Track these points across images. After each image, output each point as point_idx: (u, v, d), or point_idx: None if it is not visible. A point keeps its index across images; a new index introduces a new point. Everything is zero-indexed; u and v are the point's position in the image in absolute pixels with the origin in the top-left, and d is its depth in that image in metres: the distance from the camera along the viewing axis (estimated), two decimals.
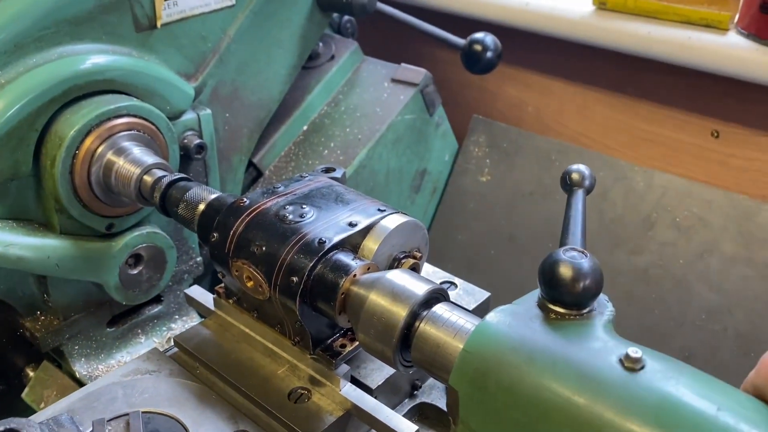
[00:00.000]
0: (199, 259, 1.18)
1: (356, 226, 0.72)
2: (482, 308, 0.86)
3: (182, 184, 0.86)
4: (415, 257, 0.76)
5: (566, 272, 0.54)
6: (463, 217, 1.69)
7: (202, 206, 0.81)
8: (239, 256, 0.72)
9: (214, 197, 0.81)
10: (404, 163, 1.54)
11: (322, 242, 0.69)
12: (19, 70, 0.89)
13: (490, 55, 1.35)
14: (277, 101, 1.32)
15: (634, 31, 1.40)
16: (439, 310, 0.63)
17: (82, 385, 1.01)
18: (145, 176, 0.90)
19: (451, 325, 0.61)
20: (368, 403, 0.70)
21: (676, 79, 1.46)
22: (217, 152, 1.17)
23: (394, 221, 0.73)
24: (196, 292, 0.87)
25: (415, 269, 0.76)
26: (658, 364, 0.51)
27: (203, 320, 0.84)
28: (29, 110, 0.88)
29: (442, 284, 0.86)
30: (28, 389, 1.08)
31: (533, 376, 0.52)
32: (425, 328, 0.62)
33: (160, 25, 1.03)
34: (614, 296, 0.60)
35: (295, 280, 0.67)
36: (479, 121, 1.73)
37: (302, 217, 0.73)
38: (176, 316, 1.16)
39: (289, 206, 0.75)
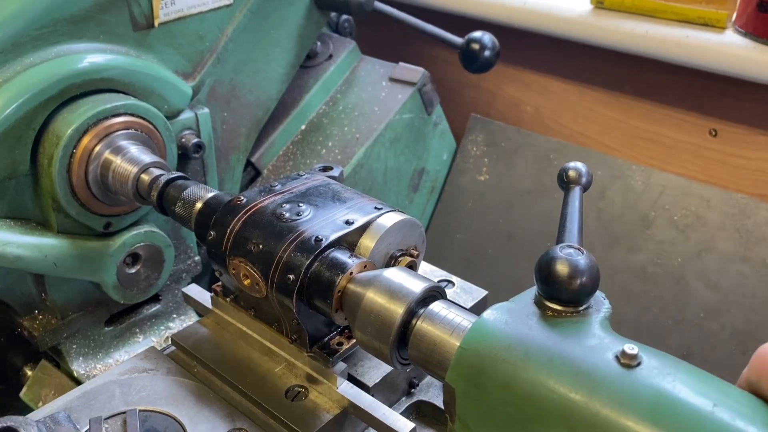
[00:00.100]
0: (197, 258, 1.18)
1: (353, 224, 0.72)
2: (480, 306, 0.85)
3: (179, 182, 0.86)
4: (412, 255, 0.76)
5: (563, 269, 0.54)
6: (461, 216, 1.69)
7: (199, 205, 0.80)
8: (236, 254, 0.72)
9: (211, 196, 0.81)
10: (402, 162, 1.54)
11: (318, 240, 0.69)
12: (16, 68, 0.89)
13: (488, 54, 1.35)
14: (275, 100, 1.32)
15: (631, 29, 1.40)
16: (436, 307, 0.63)
17: (80, 384, 1.01)
18: (142, 175, 0.90)
19: (448, 322, 0.61)
20: (365, 400, 0.70)
21: (674, 77, 1.46)
22: (215, 151, 1.17)
23: (390, 219, 0.73)
24: (193, 290, 0.87)
25: (412, 267, 0.76)
26: (654, 360, 0.50)
27: (201, 319, 0.84)
28: (26, 109, 0.88)
29: (439, 282, 0.87)
30: (26, 388, 1.08)
31: (530, 373, 0.52)
32: (422, 325, 0.62)
33: (157, 24, 1.03)
34: (612, 294, 0.60)
35: (291, 278, 0.67)
36: (477, 120, 1.73)
37: (299, 215, 0.73)
38: (174, 315, 1.16)
39: (285, 204, 0.74)
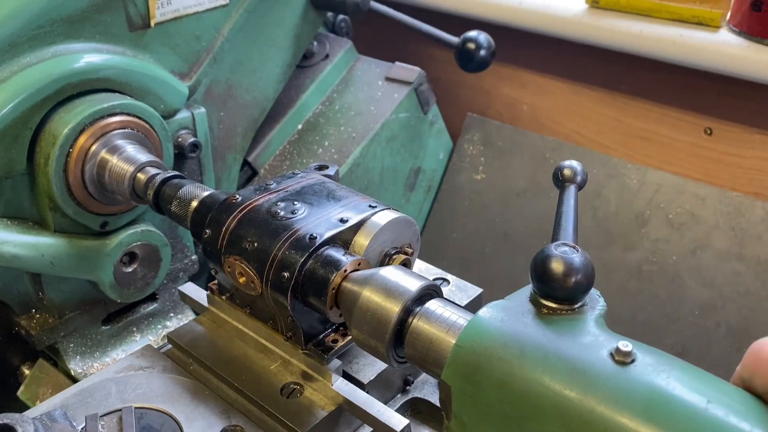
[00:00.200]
0: (194, 257, 1.18)
1: (347, 222, 0.72)
2: (475, 304, 0.86)
3: (175, 181, 0.86)
4: (406, 253, 0.76)
5: (558, 267, 0.54)
6: (457, 214, 1.69)
7: (194, 203, 0.81)
8: (231, 252, 0.73)
9: (206, 194, 0.81)
10: (399, 161, 1.54)
11: (313, 238, 0.69)
12: (13, 68, 0.90)
13: (483, 53, 1.36)
14: (271, 100, 1.32)
15: (626, 29, 1.40)
16: (432, 306, 0.63)
17: (77, 382, 1.01)
18: (138, 174, 0.90)
19: (444, 320, 0.61)
20: (360, 397, 0.70)
21: (669, 76, 1.46)
22: (211, 151, 1.17)
23: (385, 217, 0.74)
24: (189, 288, 0.87)
25: (406, 265, 0.76)
26: (648, 357, 0.51)
27: (197, 317, 0.85)
28: (23, 109, 0.89)
29: (434, 281, 0.87)
30: (23, 387, 1.09)
31: (525, 370, 0.52)
32: (418, 324, 0.62)
33: (153, 24, 1.03)
34: (608, 292, 0.60)
35: (286, 275, 0.68)
36: (474, 119, 1.74)
37: (294, 213, 0.73)
38: (171, 314, 1.16)
39: (280, 203, 0.75)
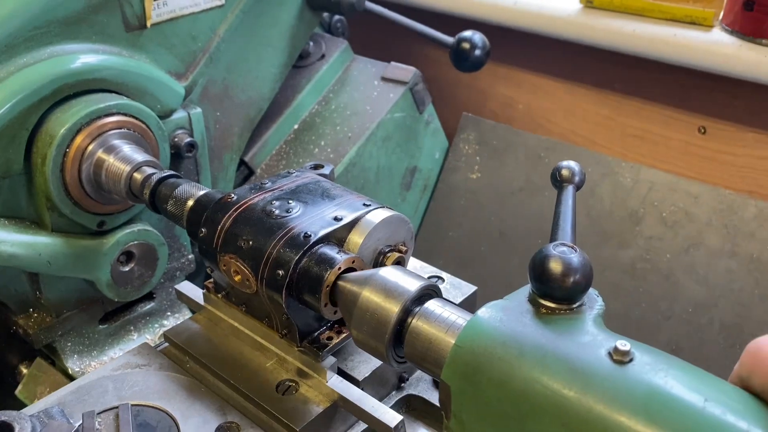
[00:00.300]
0: (191, 256, 1.19)
1: (341, 220, 0.73)
2: (469, 302, 0.87)
3: (171, 180, 0.87)
4: (400, 251, 0.77)
5: (556, 267, 0.55)
6: (453, 213, 1.70)
7: (190, 202, 0.82)
8: (227, 250, 0.73)
9: (202, 193, 0.82)
10: (394, 160, 1.55)
11: (307, 236, 0.70)
12: (9, 69, 0.90)
13: (478, 53, 1.36)
14: (267, 100, 1.33)
15: (620, 28, 1.41)
16: (431, 306, 0.63)
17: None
18: (135, 174, 0.91)
19: (443, 320, 0.61)
20: (354, 394, 0.71)
21: (663, 75, 1.47)
22: (208, 151, 1.18)
23: (379, 215, 0.74)
24: (186, 287, 0.88)
25: (400, 263, 0.77)
26: (646, 356, 0.51)
27: (193, 315, 0.85)
28: (20, 109, 0.89)
29: (429, 279, 0.88)
30: (21, 386, 1.09)
31: (524, 370, 0.52)
32: (418, 324, 0.62)
33: (149, 24, 1.04)
34: (602, 290, 0.60)
35: (281, 273, 0.68)
36: (469, 118, 1.75)
37: (288, 212, 0.74)
38: (168, 313, 1.17)
39: (275, 201, 0.76)
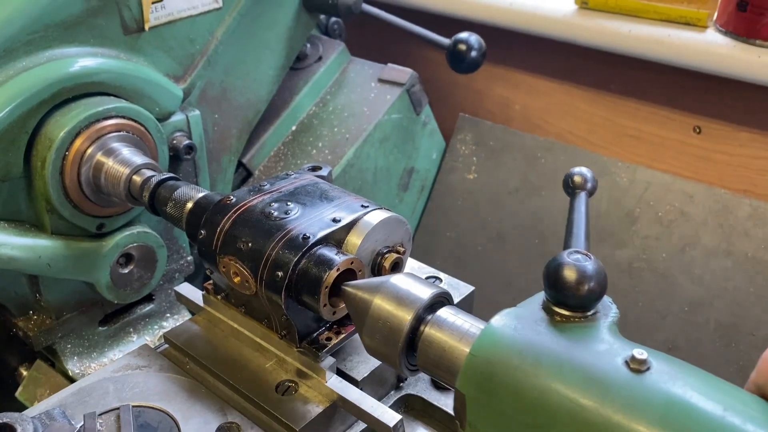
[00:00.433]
0: (189, 258, 1.19)
1: (340, 221, 0.74)
2: (467, 302, 0.87)
3: (170, 183, 0.87)
4: (398, 252, 0.77)
5: (571, 275, 0.55)
6: (451, 214, 1.71)
7: (190, 204, 0.82)
8: (226, 252, 0.74)
9: (201, 196, 0.83)
10: (392, 161, 1.55)
11: (306, 238, 0.70)
12: (9, 73, 0.91)
13: (474, 54, 1.37)
14: (265, 102, 1.33)
15: (615, 29, 1.42)
16: (443, 313, 0.63)
17: (74, 383, 1.02)
18: (134, 176, 0.91)
19: (456, 328, 0.61)
20: (353, 394, 0.71)
21: (658, 76, 1.48)
22: (206, 153, 1.19)
23: (376, 217, 0.75)
24: (185, 289, 0.88)
25: (398, 264, 0.77)
26: (663, 365, 0.51)
27: (193, 316, 0.86)
28: (19, 113, 0.90)
29: (427, 279, 0.88)
30: (21, 388, 1.10)
31: (540, 379, 0.52)
32: (430, 331, 0.62)
33: (147, 27, 1.04)
34: None
35: (280, 274, 0.69)
36: (466, 119, 1.75)
37: (287, 213, 0.74)
38: (168, 314, 1.17)
39: (274, 203, 0.76)
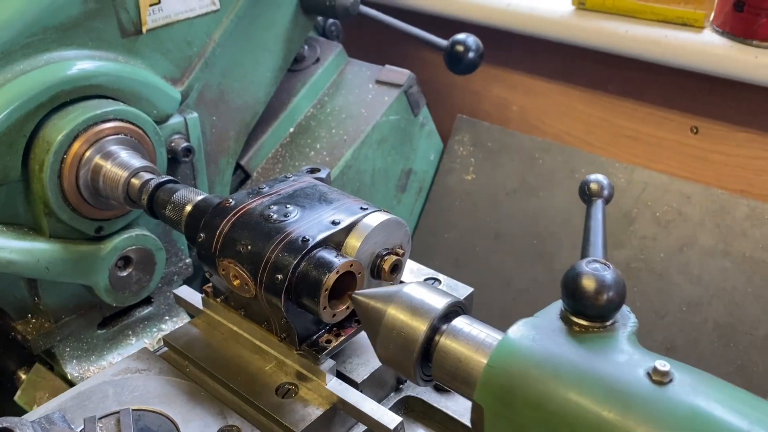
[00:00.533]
0: (188, 260, 1.19)
1: (339, 224, 0.73)
2: (466, 303, 0.87)
3: (169, 186, 0.87)
4: (397, 254, 0.77)
5: (589, 284, 0.54)
6: (449, 215, 1.71)
7: (188, 207, 0.82)
8: (225, 255, 0.74)
9: (200, 198, 0.82)
10: (390, 163, 1.55)
11: (305, 240, 0.70)
12: (6, 76, 0.91)
13: (472, 55, 1.37)
14: (263, 104, 1.33)
15: (612, 30, 1.42)
16: (459, 323, 0.62)
17: (73, 386, 1.02)
18: (132, 179, 0.91)
19: (472, 338, 0.60)
20: (353, 396, 0.71)
21: (655, 76, 1.48)
22: (204, 155, 1.19)
23: (376, 219, 0.75)
24: (184, 291, 0.88)
25: (398, 266, 0.77)
26: (686, 377, 0.50)
27: (192, 319, 0.86)
28: (17, 116, 0.89)
29: (426, 280, 0.88)
30: (20, 391, 1.09)
31: (560, 390, 0.51)
32: (446, 342, 0.61)
33: (145, 30, 1.04)
34: None
35: (279, 277, 0.69)
36: (463, 120, 1.76)
37: (286, 216, 0.74)
38: (166, 317, 1.17)
39: (273, 206, 0.76)
